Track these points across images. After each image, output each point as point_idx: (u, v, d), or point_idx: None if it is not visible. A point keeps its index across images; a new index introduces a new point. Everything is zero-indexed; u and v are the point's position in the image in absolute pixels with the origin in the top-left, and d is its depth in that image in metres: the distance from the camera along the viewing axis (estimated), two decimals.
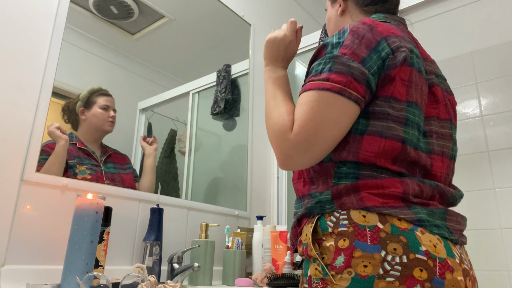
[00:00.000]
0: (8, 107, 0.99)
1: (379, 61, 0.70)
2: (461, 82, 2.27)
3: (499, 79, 2.15)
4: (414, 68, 0.74)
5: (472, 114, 2.18)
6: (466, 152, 2.15)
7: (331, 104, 0.68)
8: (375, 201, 0.67)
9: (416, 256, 0.62)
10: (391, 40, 0.73)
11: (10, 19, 1.04)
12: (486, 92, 2.17)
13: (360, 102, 0.69)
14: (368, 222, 0.66)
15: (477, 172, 2.09)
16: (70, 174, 1.08)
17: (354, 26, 0.74)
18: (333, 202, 0.71)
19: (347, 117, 0.69)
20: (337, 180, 0.72)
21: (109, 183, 1.17)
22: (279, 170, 1.87)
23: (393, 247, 0.63)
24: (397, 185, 0.68)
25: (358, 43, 0.71)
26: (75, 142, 1.13)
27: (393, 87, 0.71)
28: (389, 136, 0.70)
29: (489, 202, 2.02)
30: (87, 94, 1.18)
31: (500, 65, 2.17)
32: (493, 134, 2.09)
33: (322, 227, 0.71)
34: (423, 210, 0.68)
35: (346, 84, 0.68)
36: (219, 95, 1.66)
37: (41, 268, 0.97)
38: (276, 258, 1.35)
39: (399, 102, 0.71)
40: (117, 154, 1.24)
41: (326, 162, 0.74)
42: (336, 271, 0.65)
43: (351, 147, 0.71)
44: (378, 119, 0.71)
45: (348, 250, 0.65)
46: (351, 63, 0.69)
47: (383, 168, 0.70)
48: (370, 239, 0.64)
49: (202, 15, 1.67)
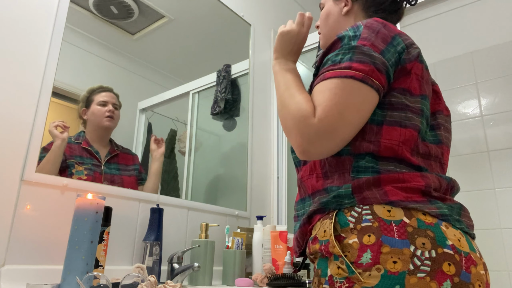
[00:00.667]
0: (8, 107, 0.99)
1: (396, 54, 0.72)
2: (461, 82, 2.27)
3: (499, 79, 2.15)
4: (424, 65, 0.77)
5: (472, 114, 2.18)
6: (466, 152, 2.15)
7: (355, 91, 0.68)
8: (399, 195, 0.66)
9: (444, 251, 0.62)
10: (404, 37, 0.76)
11: (10, 19, 1.04)
12: (486, 92, 2.17)
13: (380, 91, 0.70)
14: (393, 217, 0.65)
15: (477, 172, 2.09)
16: (68, 173, 1.08)
17: (368, 22, 0.76)
18: (353, 196, 0.69)
19: (369, 104, 0.69)
20: (356, 174, 0.71)
21: (107, 183, 1.17)
22: (279, 170, 1.87)
23: (421, 241, 0.62)
24: (418, 179, 0.68)
25: (375, 37, 0.72)
26: (81, 141, 1.14)
27: (409, 81, 0.73)
28: (408, 126, 0.71)
29: (489, 202, 2.02)
30: (86, 94, 1.18)
31: (500, 65, 2.17)
32: (493, 134, 2.09)
33: (341, 223, 0.69)
34: (444, 205, 0.68)
35: (369, 72, 0.68)
36: (219, 95, 1.66)
37: (41, 268, 0.97)
38: (276, 258, 1.35)
39: (413, 95, 0.73)
40: (125, 154, 1.23)
41: (344, 156, 0.73)
42: (363, 269, 0.63)
43: (370, 138, 0.71)
44: (397, 109, 0.72)
45: (375, 246, 0.63)
46: (373, 53, 0.70)
47: (402, 160, 0.70)
48: (397, 234, 0.63)
49: (202, 15, 1.67)
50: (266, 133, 1.91)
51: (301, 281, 1.16)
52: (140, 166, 1.28)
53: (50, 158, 1.06)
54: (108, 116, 1.20)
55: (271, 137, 1.94)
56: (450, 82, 2.30)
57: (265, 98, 1.96)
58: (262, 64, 1.98)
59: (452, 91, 2.28)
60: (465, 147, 2.15)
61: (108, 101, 1.21)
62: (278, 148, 1.91)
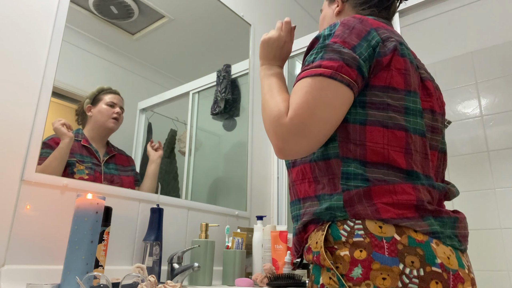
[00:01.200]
0: (8, 107, 0.99)
1: (370, 49, 0.71)
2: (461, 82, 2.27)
3: (499, 79, 2.15)
4: (407, 59, 0.75)
5: (472, 114, 2.18)
6: (466, 152, 2.15)
7: (324, 88, 0.68)
8: (391, 213, 0.67)
9: (432, 269, 0.63)
10: (381, 31, 0.75)
11: (10, 19, 1.04)
12: (486, 92, 2.17)
13: (352, 86, 0.69)
14: (385, 233, 0.66)
15: (477, 172, 2.09)
16: (68, 172, 1.08)
17: (345, 19, 0.76)
18: (345, 210, 0.69)
19: (340, 100, 0.68)
20: (345, 181, 0.71)
21: (107, 184, 1.17)
22: (279, 170, 1.87)
23: (410, 260, 0.63)
24: (410, 191, 0.68)
25: (348, 33, 0.73)
26: (80, 139, 1.14)
27: (390, 77, 0.72)
28: (390, 126, 0.71)
29: (489, 202, 2.02)
30: (96, 92, 1.18)
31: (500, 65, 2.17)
32: (493, 134, 2.09)
33: (334, 236, 0.69)
34: (436, 221, 0.68)
35: (338, 68, 0.68)
36: (219, 95, 1.66)
37: (41, 268, 0.97)
38: (276, 258, 1.35)
39: (397, 91, 0.72)
40: (121, 155, 1.24)
41: (333, 159, 0.73)
42: (353, 283, 0.64)
43: (355, 138, 0.71)
44: (378, 109, 0.71)
45: (366, 261, 0.64)
46: (342, 49, 0.70)
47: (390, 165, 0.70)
48: (387, 251, 0.64)
49: (202, 15, 1.67)
50: (266, 133, 1.91)
51: (301, 281, 1.16)
52: (135, 168, 1.28)
53: (57, 155, 1.06)
54: (114, 117, 1.22)
55: None
56: (450, 82, 2.30)
57: None
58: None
59: (452, 91, 2.28)
60: (465, 147, 2.15)
61: (117, 103, 1.23)
62: None
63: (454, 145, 2.19)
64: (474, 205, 2.06)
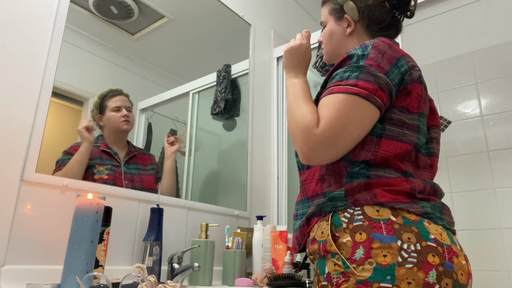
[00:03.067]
0: (8, 107, 0.99)
1: (399, 75, 0.79)
2: (461, 82, 2.27)
3: (499, 79, 2.15)
4: (423, 86, 0.85)
5: (472, 114, 2.18)
6: (466, 152, 2.15)
7: (359, 107, 0.75)
8: (387, 197, 0.74)
9: (428, 244, 0.69)
10: (407, 59, 0.82)
11: (10, 19, 1.04)
12: (486, 92, 2.17)
13: (382, 108, 0.77)
14: (381, 216, 0.72)
15: (477, 172, 2.09)
16: (89, 173, 1.12)
17: (375, 42, 0.82)
18: (346, 198, 0.77)
19: (370, 119, 0.76)
20: (349, 179, 0.78)
21: (127, 183, 1.20)
22: (279, 170, 1.87)
23: (407, 236, 0.69)
24: (404, 183, 0.76)
25: (381, 58, 0.79)
26: (99, 144, 1.17)
27: (409, 99, 0.80)
28: (404, 141, 0.79)
29: (489, 202, 2.02)
30: (98, 100, 1.20)
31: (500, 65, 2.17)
32: (493, 134, 2.09)
33: (335, 224, 0.76)
34: (427, 205, 0.75)
35: (373, 91, 0.75)
36: (219, 95, 1.66)
37: (41, 268, 0.97)
38: (276, 258, 1.35)
39: (412, 113, 0.81)
40: (142, 155, 1.27)
41: (342, 161, 0.80)
42: (357, 263, 0.69)
43: (370, 148, 0.78)
44: (395, 125, 0.79)
45: (366, 242, 0.70)
46: (378, 74, 0.77)
47: (391, 167, 0.78)
48: (385, 231, 0.70)
49: (202, 15, 1.67)
50: (266, 133, 1.91)
51: (301, 281, 1.16)
52: (157, 166, 1.32)
53: (78, 159, 1.10)
54: (124, 120, 1.23)
55: (271, 137, 1.94)
56: (450, 82, 2.30)
57: (265, 98, 1.96)
58: (262, 64, 1.98)
59: (452, 91, 2.28)
60: (465, 147, 2.15)
61: (121, 105, 1.24)
62: (278, 148, 1.91)
63: (454, 145, 2.19)
64: (474, 205, 2.06)
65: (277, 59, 2.05)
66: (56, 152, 1.08)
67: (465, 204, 2.08)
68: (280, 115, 1.97)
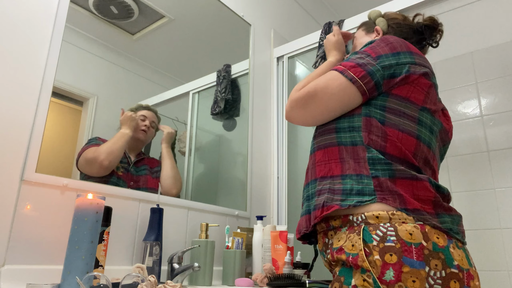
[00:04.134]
0: (8, 107, 0.99)
1: (394, 62, 0.84)
2: (461, 82, 2.27)
3: (499, 79, 2.15)
4: (434, 86, 0.88)
5: (472, 114, 2.18)
6: (466, 152, 2.15)
7: (334, 79, 0.85)
8: (415, 205, 0.76)
9: (451, 270, 0.72)
10: (417, 57, 0.87)
11: (10, 19, 1.04)
12: (486, 92, 2.17)
13: (357, 84, 0.83)
14: (414, 240, 0.73)
15: (477, 172, 2.09)
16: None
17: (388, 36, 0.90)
18: (375, 193, 0.78)
19: (343, 92, 0.84)
20: (372, 166, 0.80)
21: (132, 184, 1.23)
22: (279, 170, 1.87)
23: (435, 263, 0.72)
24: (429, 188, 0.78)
25: (383, 46, 0.85)
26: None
27: (411, 91, 0.84)
28: (405, 130, 0.82)
29: (489, 202, 2.02)
30: (134, 108, 1.30)
31: (500, 65, 2.17)
32: (493, 134, 2.09)
33: (366, 239, 0.76)
34: (448, 218, 0.78)
35: (349, 67, 0.84)
36: (219, 95, 1.66)
37: (41, 268, 0.97)
38: (276, 258, 1.35)
39: (414, 105, 0.84)
40: (150, 158, 1.32)
41: (359, 145, 0.84)
42: (387, 285, 0.71)
43: (378, 133, 0.82)
44: (395, 114, 0.83)
45: (397, 265, 0.71)
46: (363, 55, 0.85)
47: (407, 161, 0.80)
48: (416, 256, 0.72)
49: (202, 15, 1.66)
50: (266, 133, 1.91)
51: (301, 281, 1.16)
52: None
53: (124, 142, 1.23)
54: (143, 130, 1.31)
55: (271, 137, 1.93)
56: (450, 82, 2.30)
57: (265, 98, 1.96)
58: (262, 64, 1.98)
59: (452, 91, 2.28)
60: (465, 147, 2.15)
61: (148, 117, 1.33)
62: (278, 148, 1.91)
63: (454, 145, 2.19)
64: (474, 205, 2.06)
65: (277, 59, 2.05)
66: (56, 152, 1.08)
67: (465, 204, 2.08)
68: (280, 115, 1.97)
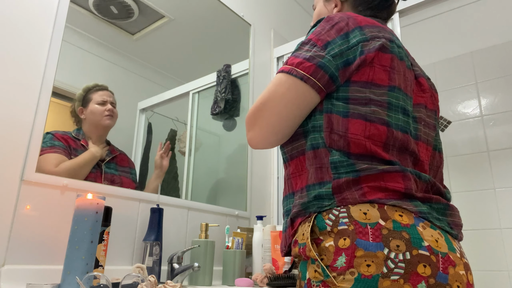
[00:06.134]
0: (8, 107, 0.99)
1: (345, 46, 0.73)
2: (461, 82, 2.27)
3: (499, 79, 2.15)
4: (395, 56, 0.75)
5: (472, 114, 2.18)
6: (466, 152, 2.15)
7: (282, 83, 0.73)
8: (378, 195, 0.66)
9: (419, 252, 0.61)
10: (368, 29, 0.75)
11: (10, 19, 1.04)
12: (486, 92, 2.17)
13: (305, 79, 0.71)
14: (369, 220, 0.64)
15: (477, 172, 2.09)
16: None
17: (331, 15, 0.78)
18: (333, 196, 0.68)
19: (293, 92, 0.72)
20: (335, 170, 0.69)
21: (107, 183, 1.17)
22: (279, 170, 1.87)
23: (396, 243, 0.61)
24: (399, 179, 0.67)
25: (328, 29, 0.75)
26: (80, 138, 1.14)
27: (372, 73, 0.73)
28: (373, 120, 0.70)
29: (489, 202, 2.02)
30: (83, 92, 1.17)
31: (500, 65, 2.17)
32: (493, 134, 2.09)
33: (319, 226, 0.68)
34: (423, 204, 0.67)
35: (295, 64, 0.73)
36: (219, 95, 1.66)
37: (41, 268, 0.97)
38: (276, 258, 1.35)
39: (380, 87, 0.72)
40: (123, 156, 1.24)
41: (321, 148, 0.73)
42: (337, 272, 0.62)
43: (339, 130, 0.71)
44: (360, 104, 0.71)
45: (350, 249, 0.62)
46: (307, 46, 0.74)
47: (373, 156, 0.69)
48: (372, 237, 0.62)
49: (202, 15, 1.67)
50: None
51: None
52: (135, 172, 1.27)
53: (88, 162, 1.13)
54: (108, 115, 1.21)
55: None
56: (450, 82, 2.30)
57: None
58: (262, 64, 1.98)
59: (452, 91, 2.28)
60: (465, 147, 2.15)
61: (107, 100, 1.22)
62: (278, 148, 1.91)
63: (454, 145, 2.19)
64: (474, 205, 2.06)
65: (277, 59, 2.05)
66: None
67: (465, 204, 2.08)
68: None
